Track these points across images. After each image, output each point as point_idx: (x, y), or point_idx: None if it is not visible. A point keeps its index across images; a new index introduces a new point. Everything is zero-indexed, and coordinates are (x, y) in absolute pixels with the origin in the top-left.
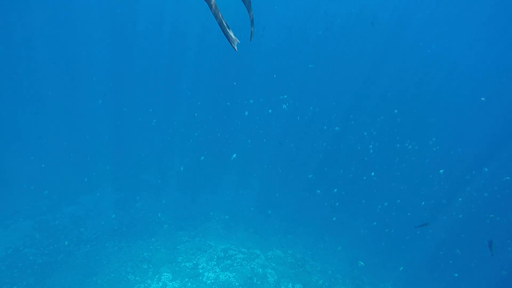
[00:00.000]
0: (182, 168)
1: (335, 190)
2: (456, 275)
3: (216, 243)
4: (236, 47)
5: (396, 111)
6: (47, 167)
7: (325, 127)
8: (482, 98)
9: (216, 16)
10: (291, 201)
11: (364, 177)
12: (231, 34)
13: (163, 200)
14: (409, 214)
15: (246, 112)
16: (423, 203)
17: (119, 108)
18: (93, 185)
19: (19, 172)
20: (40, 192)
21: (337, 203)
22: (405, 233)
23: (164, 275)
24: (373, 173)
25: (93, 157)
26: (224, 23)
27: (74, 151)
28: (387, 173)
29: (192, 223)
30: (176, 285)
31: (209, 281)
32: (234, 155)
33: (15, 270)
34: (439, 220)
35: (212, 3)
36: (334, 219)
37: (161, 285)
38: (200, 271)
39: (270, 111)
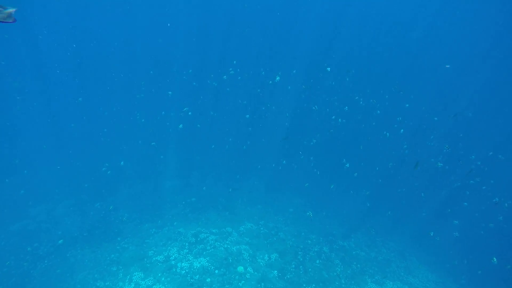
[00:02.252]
0: (122, 163)
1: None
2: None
3: (186, 229)
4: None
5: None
6: None
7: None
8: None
9: None
10: (256, 171)
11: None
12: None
13: (123, 195)
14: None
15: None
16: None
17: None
18: (41, 193)
19: None
20: None
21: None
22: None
23: (135, 274)
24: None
25: (37, 161)
26: None
27: (15, 156)
28: (349, 137)
29: (158, 212)
30: (149, 283)
31: (184, 271)
32: (180, 126)
33: None
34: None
35: None
36: (306, 184)
37: (133, 286)
38: (173, 262)
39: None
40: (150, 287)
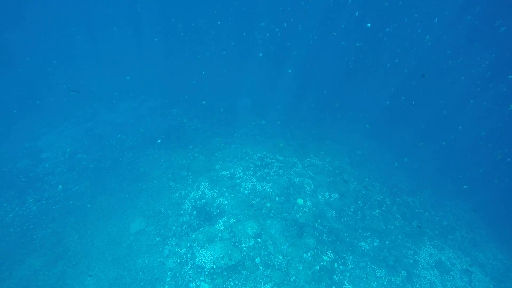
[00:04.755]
0: (203, 72)
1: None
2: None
3: (253, 150)
4: None
5: None
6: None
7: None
8: None
9: None
10: (330, 105)
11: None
12: None
13: (198, 105)
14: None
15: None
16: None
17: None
18: (129, 92)
19: (63, 81)
20: (82, 100)
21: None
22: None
23: (203, 184)
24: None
25: (129, 63)
26: None
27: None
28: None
29: (228, 129)
30: (214, 195)
31: (246, 192)
32: (260, 54)
33: (74, 172)
34: None
35: None
36: (367, 126)
37: (200, 193)
38: (237, 181)
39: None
40: (215, 199)
